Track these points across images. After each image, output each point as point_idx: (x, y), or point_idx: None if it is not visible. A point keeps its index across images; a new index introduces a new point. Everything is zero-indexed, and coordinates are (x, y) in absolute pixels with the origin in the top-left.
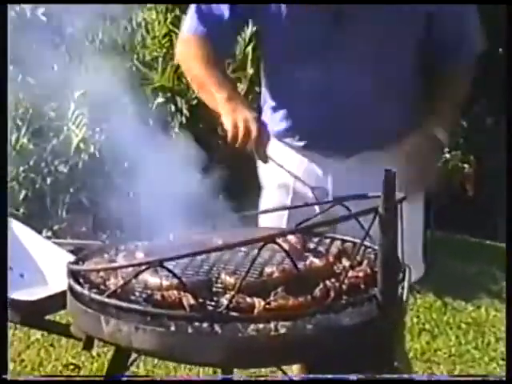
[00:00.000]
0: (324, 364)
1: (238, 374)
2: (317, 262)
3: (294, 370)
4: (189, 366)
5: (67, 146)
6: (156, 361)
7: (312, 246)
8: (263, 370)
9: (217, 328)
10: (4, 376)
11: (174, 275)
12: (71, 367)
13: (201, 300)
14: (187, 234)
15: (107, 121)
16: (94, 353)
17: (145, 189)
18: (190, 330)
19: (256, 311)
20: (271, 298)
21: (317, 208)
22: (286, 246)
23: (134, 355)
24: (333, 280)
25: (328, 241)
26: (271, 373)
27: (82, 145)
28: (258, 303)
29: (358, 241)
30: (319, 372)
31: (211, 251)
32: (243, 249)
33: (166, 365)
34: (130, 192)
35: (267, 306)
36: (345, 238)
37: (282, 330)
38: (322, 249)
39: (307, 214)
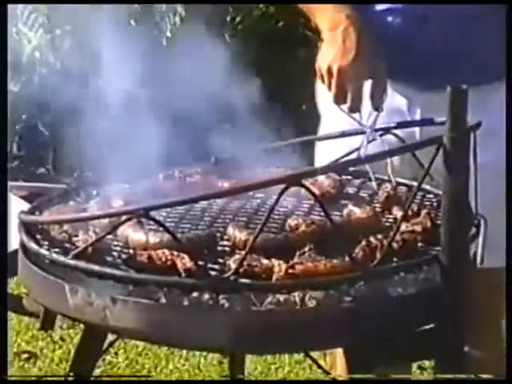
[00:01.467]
0: (368, 349)
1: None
2: (358, 211)
3: (329, 359)
4: (185, 353)
5: (17, 56)
6: (141, 346)
7: (352, 190)
8: (284, 356)
9: (222, 300)
10: (4, 376)
11: (165, 229)
12: (24, 356)
13: (201, 262)
14: (183, 173)
15: (72, 21)
16: (55, 336)
17: (125, 112)
18: (185, 303)
19: (275, 277)
20: (295, 259)
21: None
22: (316, 191)
23: (110, 338)
24: (380, 236)
25: (374, 184)
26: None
27: (37, 53)
28: (278, 267)
29: (414, 183)
30: (360, 359)
31: (216, 197)
32: (259, 195)
33: (155, 351)
34: (104, 118)
35: (290, 271)
36: (397, 179)
37: (311, 303)
38: (365, 195)
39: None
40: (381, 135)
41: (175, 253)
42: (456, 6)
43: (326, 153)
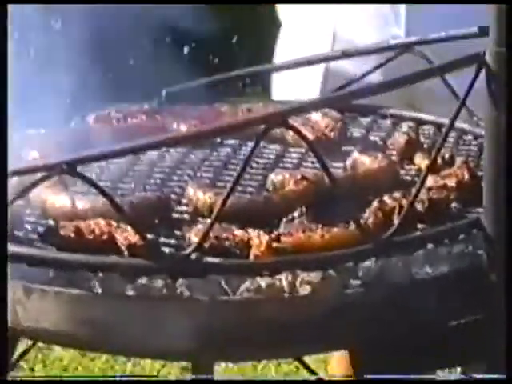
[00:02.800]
0: (383, 352)
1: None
2: (367, 161)
3: (332, 364)
4: (131, 361)
5: None
6: (67, 355)
7: (358, 133)
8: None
9: (181, 287)
10: (4, 376)
11: (100, 190)
12: None
13: (150, 236)
14: (122, 113)
15: None
16: None
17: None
18: (130, 292)
19: (253, 254)
20: (281, 229)
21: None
22: (308, 134)
23: (22, 344)
24: (397, 194)
25: (388, 122)
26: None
27: None
28: (258, 239)
29: (444, 120)
30: (372, 366)
31: (169, 145)
32: (228, 141)
33: (86, 364)
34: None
35: (274, 245)
36: (420, 115)
37: (303, 290)
38: (376, 138)
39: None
40: (400, 53)
41: (113, 223)
42: None
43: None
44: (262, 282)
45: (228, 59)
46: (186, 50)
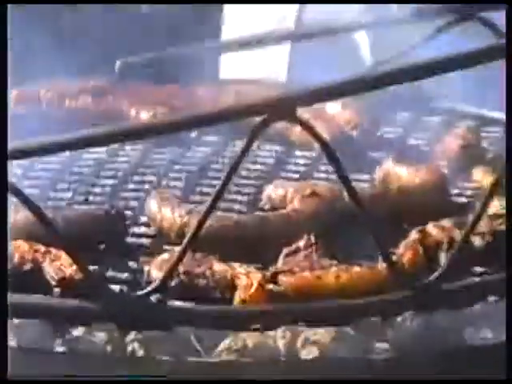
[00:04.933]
0: None
1: None
2: (404, 172)
3: None
4: None
5: None
6: None
7: (393, 132)
8: None
9: (133, 343)
10: (4, 376)
11: (23, 199)
12: None
13: (93, 268)
14: (57, 90)
15: None
16: None
17: None
18: (59, 349)
19: (239, 297)
20: (279, 264)
21: None
22: (322, 131)
23: None
24: (446, 222)
25: (438, 120)
26: None
27: None
28: (246, 277)
29: None
30: None
31: (126, 138)
32: (208, 138)
33: None
34: None
35: (269, 286)
36: (483, 111)
37: (307, 353)
38: (418, 141)
39: None
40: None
41: (42, 248)
42: None
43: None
44: (249, 339)
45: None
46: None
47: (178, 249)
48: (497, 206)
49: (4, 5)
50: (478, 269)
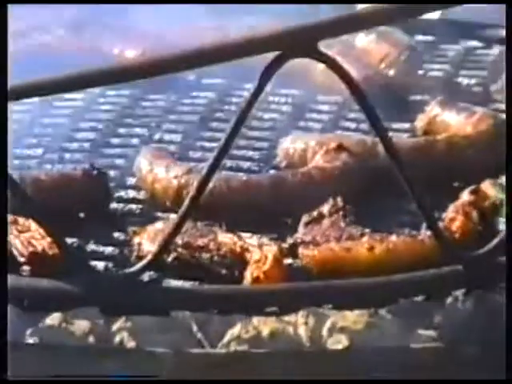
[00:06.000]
0: None
1: None
2: (453, 119)
3: None
4: None
5: None
6: None
7: (440, 70)
8: None
9: (121, 332)
10: (4, 376)
11: None
12: None
13: (71, 241)
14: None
15: None
16: None
17: None
18: (29, 340)
19: (251, 275)
20: (299, 234)
21: None
22: (352, 70)
23: None
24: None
25: (496, 52)
26: None
27: None
28: (259, 250)
29: None
30: None
31: (108, 81)
32: (212, 81)
33: None
34: None
35: (288, 261)
36: None
37: (335, 342)
38: (471, 80)
39: None
40: None
41: (7, 217)
42: None
43: None
44: (263, 326)
45: None
46: None
47: (174, 217)
48: None
49: (4, 5)
50: None
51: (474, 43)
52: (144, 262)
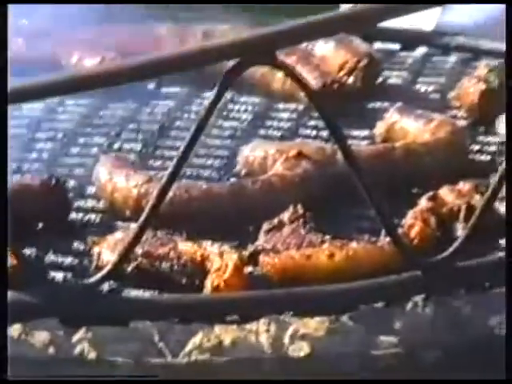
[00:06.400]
0: None
1: None
2: (412, 126)
3: None
4: None
5: None
6: None
7: (399, 77)
8: None
9: (82, 342)
10: (4, 376)
11: None
12: None
13: (28, 251)
14: None
15: None
16: None
17: None
18: None
19: (212, 283)
20: (259, 241)
21: None
22: (310, 78)
23: None
24: (464, 185)
25: (453, 60)
26: None
27: None
28: (220, 258)
29: None
30: None
31: (71, 90)
32: (170, 89)
33: None
34: None
35: (248, 269)
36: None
37: (296, 350)
38: (429, 87)
39: None
40: None
41: None
42: None
43: None
44: (225, 335)
45: None
46: None
47: (134, 226)
48: None
49: (4, 5)
50: (503, 242)
51: (432, 50)
52: (103, 271)
